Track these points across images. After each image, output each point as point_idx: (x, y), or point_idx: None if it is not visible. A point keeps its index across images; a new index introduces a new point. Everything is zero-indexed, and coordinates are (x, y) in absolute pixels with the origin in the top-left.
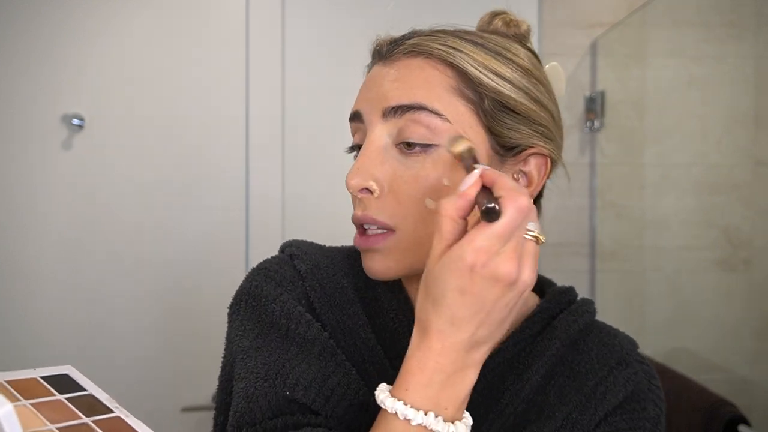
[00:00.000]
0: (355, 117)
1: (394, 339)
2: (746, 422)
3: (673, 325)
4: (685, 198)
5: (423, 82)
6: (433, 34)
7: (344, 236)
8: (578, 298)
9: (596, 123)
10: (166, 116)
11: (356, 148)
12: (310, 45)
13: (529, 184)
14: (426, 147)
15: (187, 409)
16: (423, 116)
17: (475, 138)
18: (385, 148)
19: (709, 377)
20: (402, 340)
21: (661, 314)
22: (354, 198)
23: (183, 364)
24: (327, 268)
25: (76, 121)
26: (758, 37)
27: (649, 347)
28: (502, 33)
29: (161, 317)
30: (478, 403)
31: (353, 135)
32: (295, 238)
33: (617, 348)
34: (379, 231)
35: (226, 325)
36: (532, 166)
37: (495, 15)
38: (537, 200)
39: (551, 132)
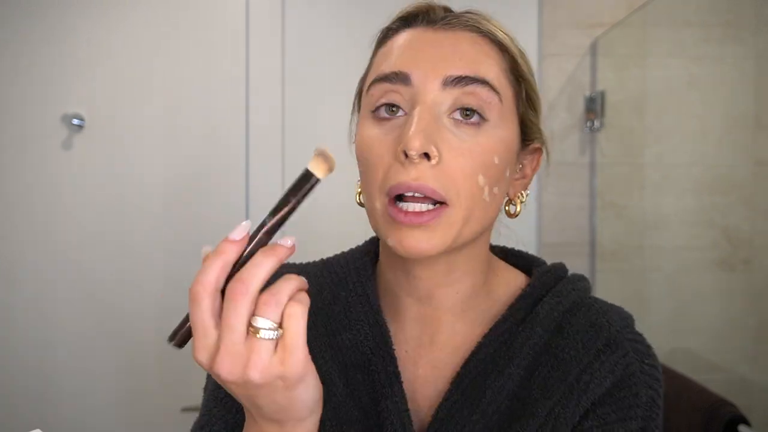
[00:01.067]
0: (397, 79)
1: (355, 353)
2: (746, 422)
3: (673, 325)
4: (685, 198)
5: (485, 57)
6: (485, 18)
7: (344, 236)
8: (568, 275)
9: (596, 123)
10: (166, 116)
11: (386, 107)
12: (310, 44)
13: (524, 176)
14: (481, 119)
15: (187, 409)
16: (484, 91)
17: (509, 126)
18: (442, 117)
19: (709, 377)
20: (358, 354)
21: (661, 314)
22: (395, 164)
23: (183, 364)
24: None
25: (76, 121)
26: (758, 37)
27: None
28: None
29: (161, 317)
30: (462, 404)
31: (381, 96)
32: (295, 237)
33: (605, 327)
34: (428, 207)
35: None
36: (529, 158)
37: None
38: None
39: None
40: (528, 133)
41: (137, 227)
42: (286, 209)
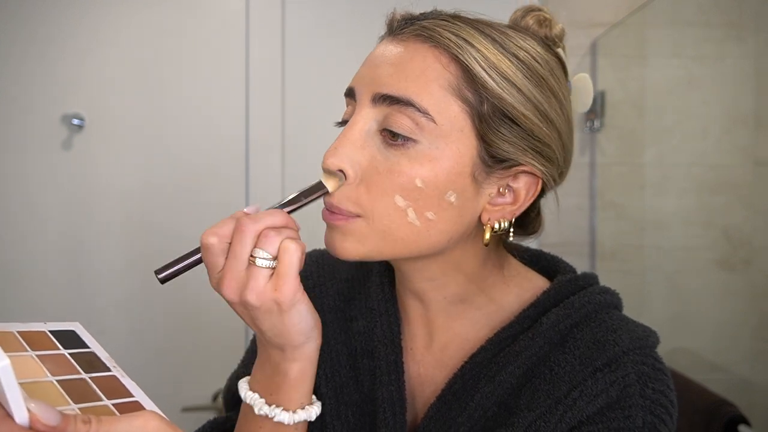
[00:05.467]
0: (350, 93)
1: (365, 340)
2: (746, 422)
3: (673, 325)
4: (685, 198)
5: (419, 73)
6: (450, 20)
7: None
8: (593, 287)
9: (596, 123)
10: (166, 116)
11: (345, 123)
12: (310, 44)
13: (514, 201)
14: (407, 140)
15: (187, 409)
16: (409, 112)
17: (464, 143)
18: (369, 133)
19: (709, 377)
20: (368, 341)
21: (661, 314)
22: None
23: (183, 364)
24: (319, 276)
25: (76, 121)
26: (758, 37)
27: None
28: (532, 32)
29: (161, 317)
30: (452, 404)
31: (347, 108)
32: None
33: (609, 345)
34: (341, 212)
35: (227, 325)
36: (522, 183)
37: (529, 11)
38: (525, 216)
39: (553, 152)
40: (500, 154)
41: (137, 227)
42: (295, 206)
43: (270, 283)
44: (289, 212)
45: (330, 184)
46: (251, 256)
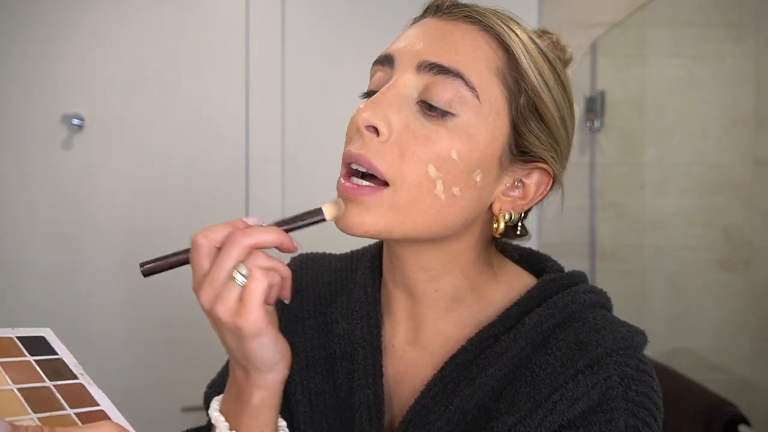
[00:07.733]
0: (385, 60)
1: (345, 342)
2: (746, 422)
3: (673, 325)
4: (685, 198)
5: (470, 51)
6: (496, 11)
7: (344, 240)
8: (579, 285)
9: (596, 123)
10: (166, 116)
11: (371, 94)
12: (310, 46)
13: (524, 197)
14: (445, 114)
15: (187, 409)
16: (456, 84)
17: (488, 128)
18: (407, 100)
19: (709, 377)
20: (347, 344)
21: (661, 314)
22: (351, 136)
23: (183, 364)
24: (301, 282)
25: (76, 121)
26: (758, 37)
27: (649, 347)
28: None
29: (161, 317)
30: (431, 407)
31: (371, 77)
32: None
33: (592, 346)
34: (368, 184)
35: None
36: (534, 180)
37: (544, 33)
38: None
39: (563, 154)
40: (526, 146)
41: (138, 227)
42: (290, 226)
43: (236, 306)
44: (287, 230)
45: (328, 211)
46: (234, 269)
